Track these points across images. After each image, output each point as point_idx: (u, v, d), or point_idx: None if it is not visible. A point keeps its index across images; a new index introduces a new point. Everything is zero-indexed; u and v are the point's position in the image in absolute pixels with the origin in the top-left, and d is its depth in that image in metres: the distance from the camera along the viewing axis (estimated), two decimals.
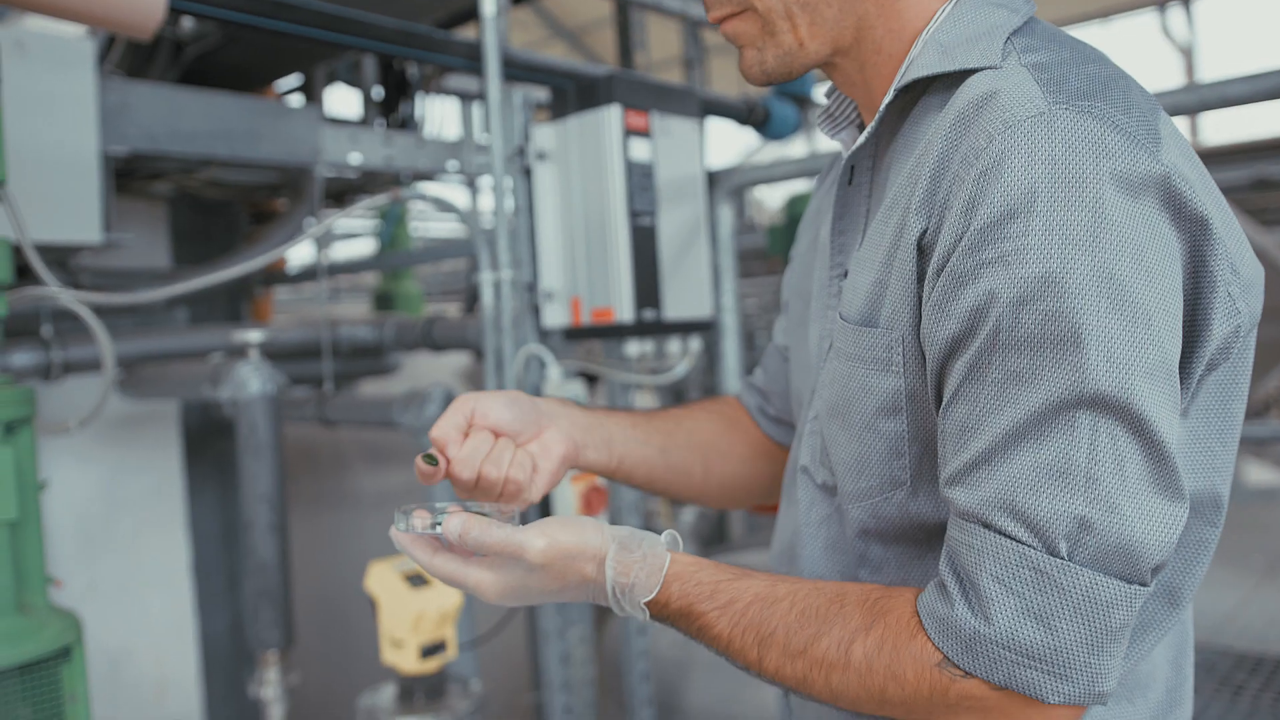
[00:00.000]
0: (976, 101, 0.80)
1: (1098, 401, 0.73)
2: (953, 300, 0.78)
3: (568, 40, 16.19)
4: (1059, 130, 0.75)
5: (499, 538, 0.88)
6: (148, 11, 1.91)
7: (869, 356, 0.89)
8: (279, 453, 2.51)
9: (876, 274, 0.89)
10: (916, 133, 0.91)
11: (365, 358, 3.60)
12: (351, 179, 3.68)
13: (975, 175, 0.77)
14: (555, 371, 2.43)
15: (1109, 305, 0.72)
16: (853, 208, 1.00)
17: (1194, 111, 1.97)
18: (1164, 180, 0.75)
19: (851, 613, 0.83)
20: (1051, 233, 0.73)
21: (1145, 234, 0.74)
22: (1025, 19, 0.90)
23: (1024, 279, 0.73)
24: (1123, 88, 0.81)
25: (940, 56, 0.88)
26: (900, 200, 0.87)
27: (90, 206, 2.47)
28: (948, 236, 0.78)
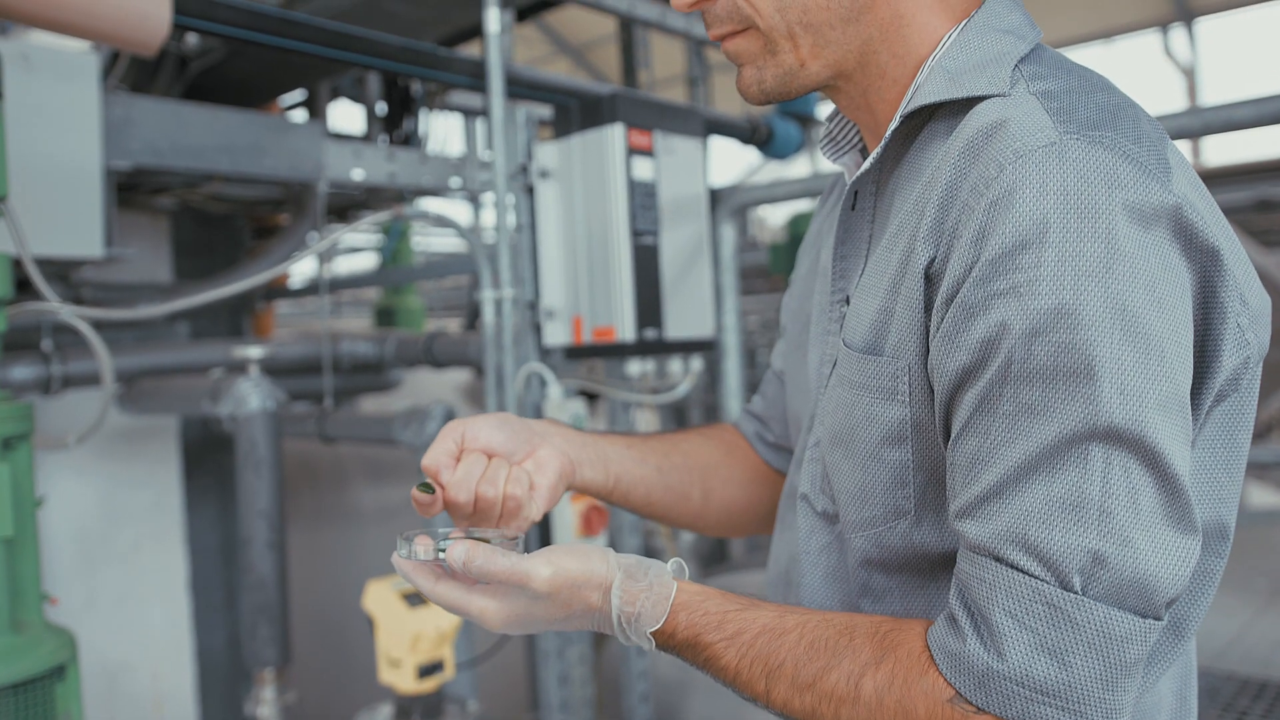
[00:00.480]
0: (986, 130, 0.80)
1: (1111, 434, 0.72)
2: (963, 331, 0.77)
3: (572, 57, 16.26)
4: (1070, 160, 0.74)
5: (503, 566, 0.87)
6: (152, 28, 1.92)
7: (874, 385, 0.88)
8: (278, 469, 2.51)
9: (881, 301, 0.88)
10: (922, 159, 0.90)
11: (366, 373, 3.59)
12: (354, 194, 3.68)
13: (986, 205, 0.76)
14: (556, 390, 2.42)
15: (1122, 337, 0.71)
16: (855, 233, 0.99)
17: (1198, 135, 1.97)
18: (1176, 211, 0.74)
19: (861, 645, 0.82)
20: (1064, 264, 0.72)
21: (1157, 265, 0.73)
22: (1032, 46, 0.89)
23: (1036, 310, 0.73)
24: (1132, 116, 0.81)
25: (948, 83, 0.87)
26: (906, 227, 0.86)
27: (92, 221, 2.47)
28: (957, 266, 0.77)
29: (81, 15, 1.83)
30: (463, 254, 7.83)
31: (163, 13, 1.92)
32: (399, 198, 3.90)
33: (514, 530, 0.99)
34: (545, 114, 2.74)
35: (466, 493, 0.99)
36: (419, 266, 4.92)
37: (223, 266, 3.77)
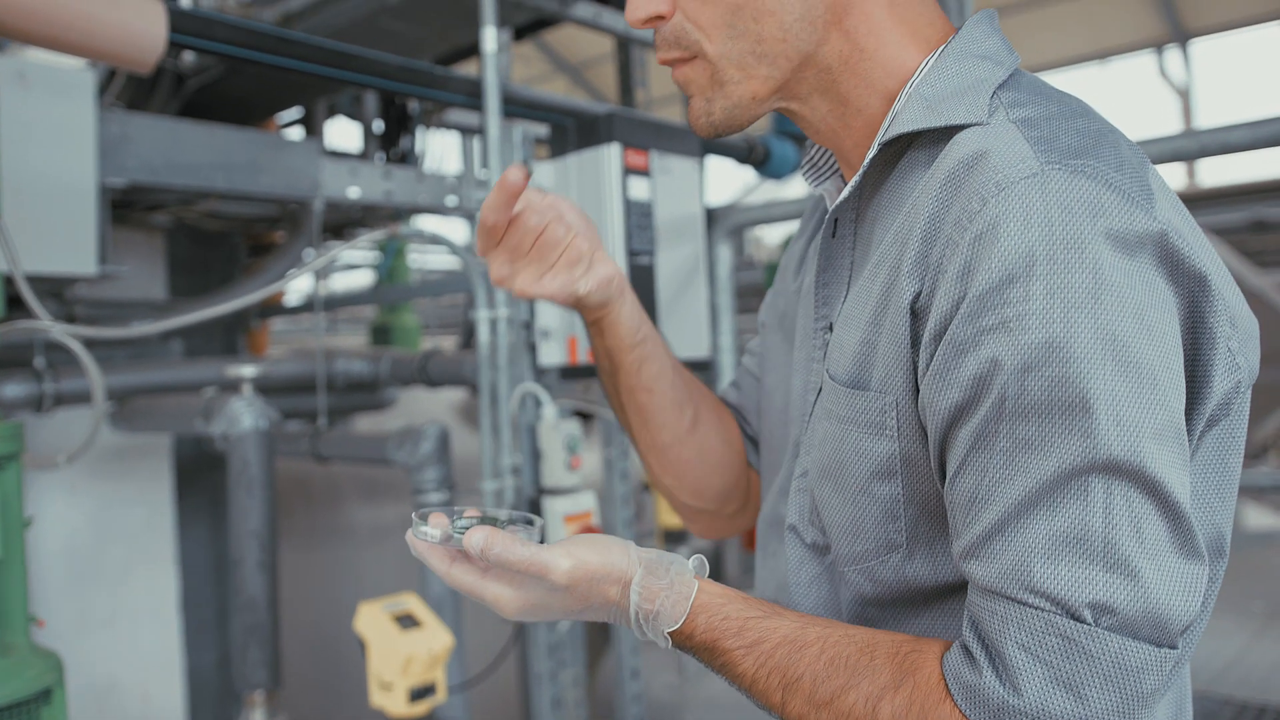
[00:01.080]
0: (967, 161, 0.79)
1: (1110, 467, 0.71)
2: (954, 369, 0.76)
3: (570, 75, 16.32)
4: (1053, 191, 0.74)
5: (523, 556, 0.85)
6: (147, 46, 1.91)
7: (862, 420, 0.87)
8: (271, 489, 2.49)
9: (864, 333, 0.87)
10: (903, 188, 0.89)
11: (361, 392, 3.58)
12: (351, 212, 3.68)
13: (970, 239, 0.75)
14: (550, 410, 2.41)
15: (1115, 368, 0.71)
16: (837, 260, 0.98)
17: (1194, 157, 1.97)
18: (1161, 237, 0.74)
19: (881, 667, 0.80)
20: (1052, 297, 0.72)
21: (1144, 292, 0.73)
22: (1010, 71, 0.88)
23: (1027, 345, 0.72)
24: (1112, 142, 0.80)
25: (926, 111, 0.86)
26: (887, 259, 0.85)
27: (86, 238, 2.46)
28: (944, 302, 0.77)
29: (77, 33, 1.83)
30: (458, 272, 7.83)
31: (158, 31, 1.91)
32: (395, 216, 3.90)
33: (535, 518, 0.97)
34: (542, 132, 2.74)
35: (539, 218, 0.98)
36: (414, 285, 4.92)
37: (218, 284, 3.76)
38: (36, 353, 2.67)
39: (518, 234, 0.98)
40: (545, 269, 0.99)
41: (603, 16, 2.94)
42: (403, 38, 2.94)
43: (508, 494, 2.36)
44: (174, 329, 2.34)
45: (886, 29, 0.91)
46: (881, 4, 0.90)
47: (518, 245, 0.99)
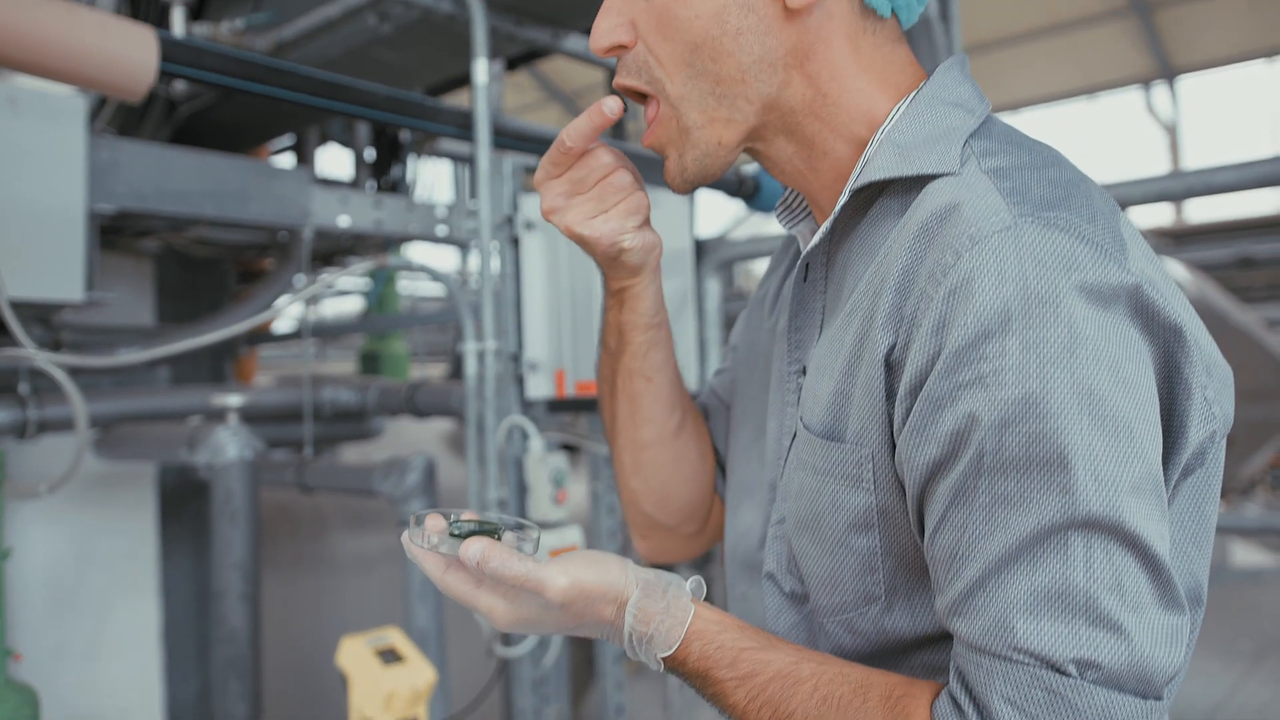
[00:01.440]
0: (939, 213, 0.79)
1: (1089, 522, 0.71)
2: (931, 424, 0.76)
3: (562, 103, 16.40)
4: (1026, 245, 0.74)
5: (519, 572, 0.83)
6: (138, 75, 1.91)
7: (838, 472, 0.86)
8: (254, 520, 2.47)
9: (837, 383, 0.87)
10: (874, 235, 0.89)
11: (348, 421, 3.56)
12: (341, 239, 3.67)
13: (944, 293, 0.75)
14: (538, 443, 2.40)
15: (1091, 422, 0.71)
16: (809, 304, 0.98)
17: (1181, 198, 1.98)
18: (1135, 290, 0.74)
19: (874, 710, 0.80)
20: (1028, 352, 0.72)
21: (1119, 345, 0.73)
22: (981, 119, 0.88)
23: (1004, 401, 0.72)
24: (1084, 192, 0.80)
25: (897, 159, 0.86)
26: (860, 308, 0.85)
27: (74, 264, 2.45)
28: (919, 357, 0.77)
29: (67, 62, 1.83)
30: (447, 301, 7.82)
31: (149, 60, 1.91)
32: (386, 244, 3.90)
33: (531, 525, 0.95)
34: (533, 162, 2.74)
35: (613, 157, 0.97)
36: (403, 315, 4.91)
37: (207, 310, 3.75)
38: (21, 379, 2.65)
39: (585, 168, 0.97)
40: (600, 210, 0.97)
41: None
42: (394, 68, 2.94)
43: None
44: (160, 358, 2.32)
45: (851, 74, 0.90)
46: (845, 50, 0.90)
47: (582, 180, 0.97)
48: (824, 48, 0.89)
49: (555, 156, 0.97)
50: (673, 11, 0.88)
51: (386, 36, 2.68)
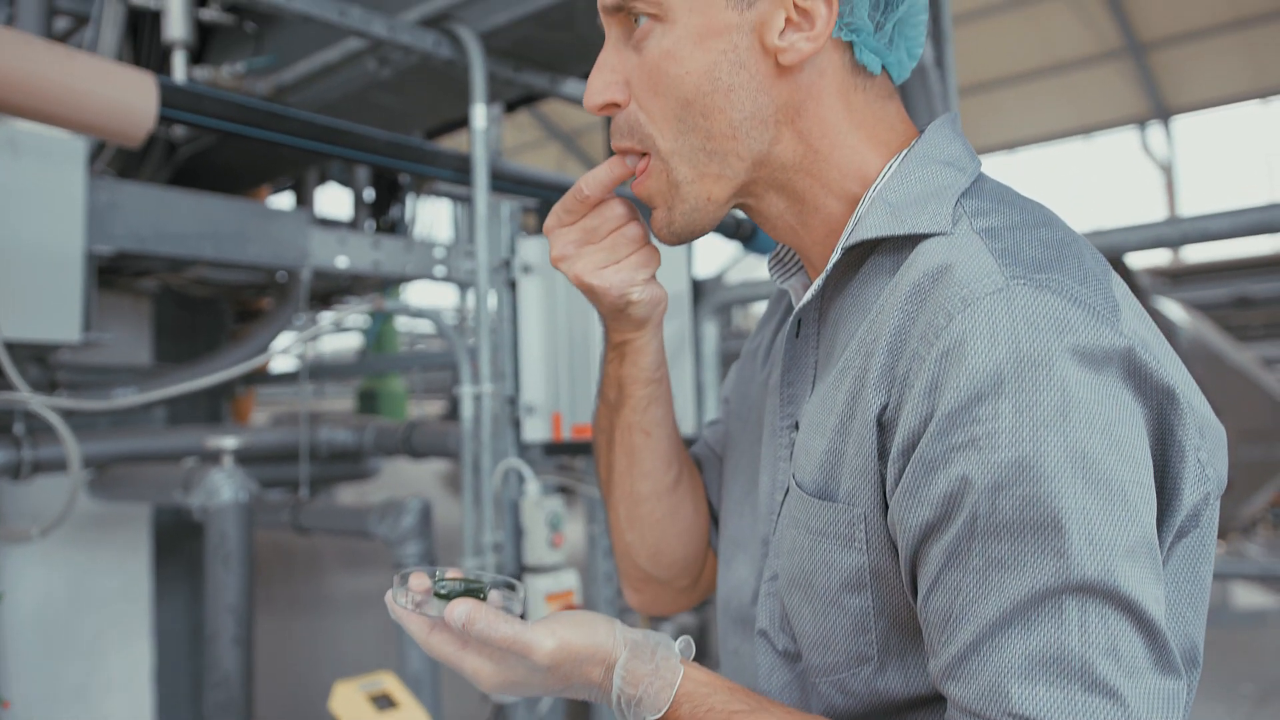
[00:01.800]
0: (931, 274, 0.79)
1: (1084, 587, 0.71)
2: (924, 486, 0.76)
3: (562, 141, 16.52)
4: (1019, 307, 0.74)
5: (506, 634, 0.82)
6: (137, 121, 1.92)
7: (830, 531, 0.86)
8: (248, 563, 2.45)
9: (829, 441, 0.86)
10: (866, 293, 0.89)
11: (344, 461, 3.55)
12: (339, 279, 3.68)
13: (937, 355, 0.75)
14: (534, 486, 2.39)
15: (1085, 486, 0.71)
16: (801, 360, 0.98)
17: (1176, 245, 1.99)
18: (1127, 353, 0.74)
19: None
20: (1021, 415, 0.71)
21: (1112, 408, 0.73)
22: (973, 178, 0.88)
23: (997, 464, 0.72)
24: (1075, 253, 0.80)
25: (889, 217, 0.86)
26: (853, 367, 0.85)
27: (71, 305, 2.45)
28: (911, 418, 0.76)
29: (67, 108, 1.84)
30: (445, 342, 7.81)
31: (148, 106, 1.93)
32: (384, 283, 3.91)
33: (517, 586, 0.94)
34: (531, 201, 2.76)
35: (628, 209, 0.97)
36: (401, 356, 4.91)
37: (205, 349, 3.75)
38: (16, 419, 2.65)
39: (599, 217, 0.97)
40: (611, 261, 0.97)
41: None
42: (394, 111, 2.96)
43: (489, 572, 2.33)
44: (155, 401, 2.31)
45: (843, 131, 0.90)
46: (837, 107, 0.90)
47: (594, 229, 0.97)
48: (815, 104, 0.89)
49: (570, 204, 0.97)
50: (664, 69, 0.88)
51: (386, 81, 2.71)
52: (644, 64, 0.89)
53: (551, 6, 2.34)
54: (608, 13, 0.91)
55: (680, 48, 0.87)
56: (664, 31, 0.88)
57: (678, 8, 0.87)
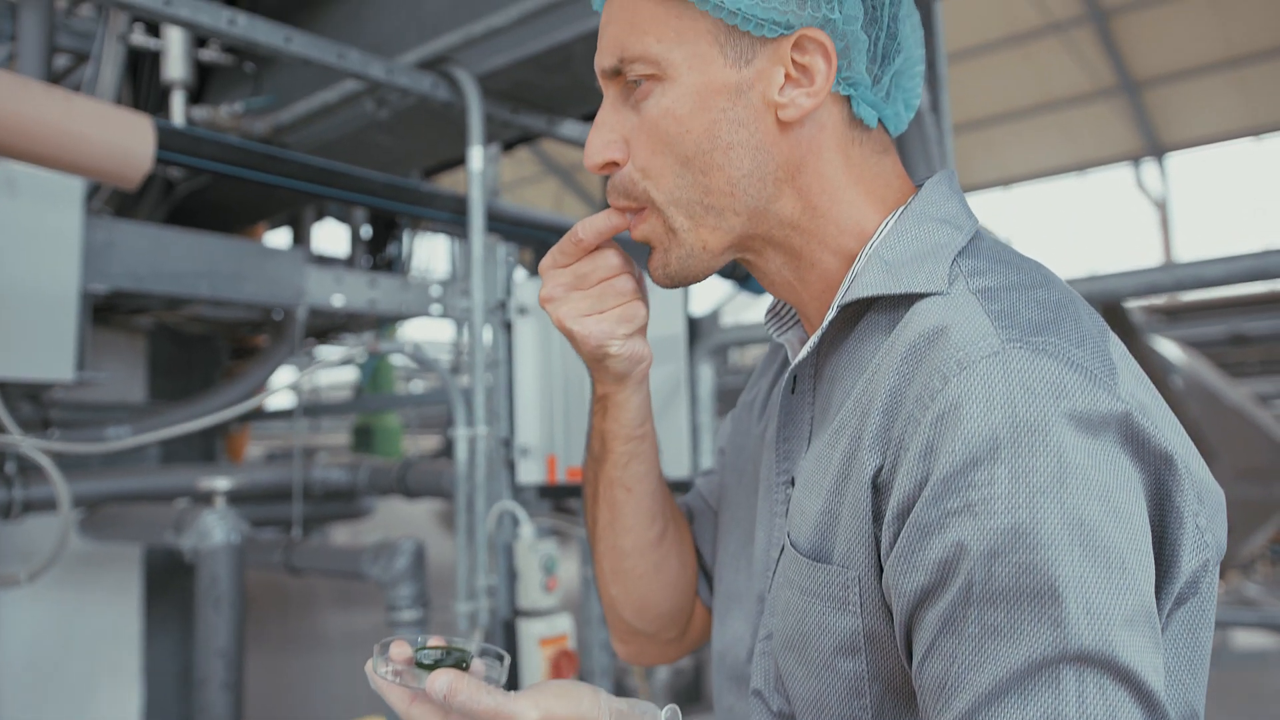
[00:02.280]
0: (927, 335, 0.78)
1: (1081, 657, 0.69)
2: (919, 551, 0.75)
3: (560, 176, 16.59)
4: (1015, 371, 0.73)
5: (488, 705, 0.80)
6: (134, 164, 1.93)
7: (825, 594, 0.85)
8: (240, 606, 2.43)
9: (825, 502, 0.85)
10: (862, 350, 0.88)
11: (338, 500, 3.53)
12: (335, 316, 3.68)
13: (932, 418, 0.75)
14: (528, 529, 2.37)
15: (1083, 553, 0.70)
16: (797, 416, 0.97)
17: (1171, 291, 1.99)
18: (1125, 418, 0.73)
19: None
20: (1017, 481, 0.71)
21: (1109, 473, 0.72)
22: (970, 236, 0.88)
23: (993, 530, 0.71)
24: (1073, 314, 0.80)
25: (885, 276, 0.85)
26: (848, 426, 0.84)
27: (65, 344, 2.44)
28: (906, 481, 0.76)
29: (64, 151, 1.84)
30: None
31: (145, 149, 1.93)
32: (380, 320, 3.90)
33: (503, 655, 0.93)
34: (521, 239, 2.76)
35: (621, 261, 0.96)
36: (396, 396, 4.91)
37: (199, 386, 3.74)
38: (7, 459, 2.63)
39: (591, 264, 0.96)
40: (596, 310, 0.96)
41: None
42: (392, 151, 2.97)
43: (482, 616, 2.31)
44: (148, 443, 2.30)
45: (842, 188, 0.90)
46: (836, 162, 0.90)
47: (585, 275, 0.96)
48: (815, 160, 0.89)
49: (566, 246, 0.97)
50: (664, 127, 0.88)
51: (384, 121, 2.72)
52: (644, 123, 0.90)
53: (549, 50, 2.35)
54: (606, 75, 0.92)
55: (680, 106, 0.87)
56: (663, 90, 0.88)
57: (677, 66, 0.87)
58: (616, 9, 0.90)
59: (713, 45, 0.87)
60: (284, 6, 2.98)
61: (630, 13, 0.89)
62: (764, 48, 0.87)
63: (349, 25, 2.85)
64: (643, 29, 0.88)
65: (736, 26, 0.86)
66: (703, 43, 0.87)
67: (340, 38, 2.80)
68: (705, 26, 0.87)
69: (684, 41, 0.87)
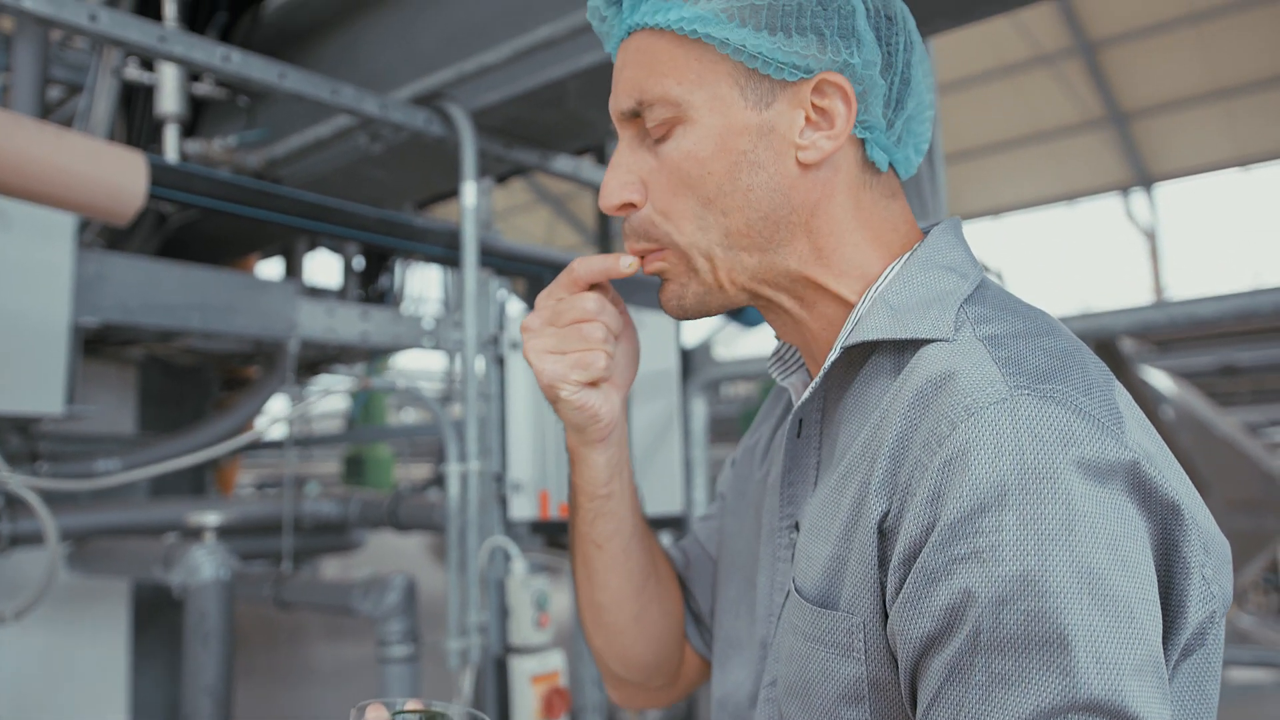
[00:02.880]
0: (935, 381, 0.79)
1: (1090, 706, 0.69)
2: (925, 598, 0.74)
3: (552, 205, 16.63)
4: (1023, 419, 0.73)
5: None
6: (127, 201, 1.92)
7: (829, 640, 0.84)
8: (228, 643, 2.40)
9: (833, 548, 0.85)
10: (868, 393, 0.88)
11: (329, 533, 3.50)
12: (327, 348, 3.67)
13: (939, 464, 0.74)
14: (520, 565, 2.36)
15: (1091, 602, 0.69)
16: (802, 460, 0.97)
17: (1164, 330, 1.99)
18: (1132, 466, 0.73)
19: None
20: (1025, 528, 0.70)
21: (1116, 522, 0.72)
22: (975, 284, 0.89)
23: (1001, 578, 0.70)
24: (1079, 362, 0.80)
25: (891, 320, 0.86)
26: (855, 470, 0.84)
27: (55, 377, 2.43)
28: (913, 527, 0.76)
29: (56, 188, 1.84)
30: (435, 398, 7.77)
31: (138, 186, 1.93)
32: (372, 353, 3.90)
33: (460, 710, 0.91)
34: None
35: (596, 306, 0.96)
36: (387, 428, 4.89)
37: (190, 417, 3.72)
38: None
39: (569, 303, 0.96)
40: (558, 349, 0.96)
41: (582, 169, 3.00)
42: (385, 184, 2.98)
43: (474, 654, 2.29)
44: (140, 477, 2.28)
45: (850, 230, 0.91)
46: (847, 205, 0.91)
47: (560, 313, 0.96)
48: (828, 202, 0.90)
49: (562, 279, 0.97)
50: (685, 169, 0.89)
51: (377, 155, 2.72)
52: (663, 165, 0.90)
53: (542, 87, 2.36)
54: (623, 118, 0.92)
55: (702, 148, 0.88)
56: (684, 132, 0.89)
57: (698, 109, 0.88)
58: (633, 52, 0.91)
59: (733, 88, 0.88)
60: (277, 40, 3.00)
61: (649, 56, 0.89)
62: (784, 91, 0.88)
63: (343, 59, 2.86)
64: (662, 72, 0.88)
65: (757, 70, 0.87)
66: (723, 85, 0.87)
67: (333, 71, 2.81)
68: (726, 69, 0.87)
69: (705, 84, 0.88)
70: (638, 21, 0.89)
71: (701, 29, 0.86)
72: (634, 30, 0.91)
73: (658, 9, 0.88)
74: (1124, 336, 3.46)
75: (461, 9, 2.55)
